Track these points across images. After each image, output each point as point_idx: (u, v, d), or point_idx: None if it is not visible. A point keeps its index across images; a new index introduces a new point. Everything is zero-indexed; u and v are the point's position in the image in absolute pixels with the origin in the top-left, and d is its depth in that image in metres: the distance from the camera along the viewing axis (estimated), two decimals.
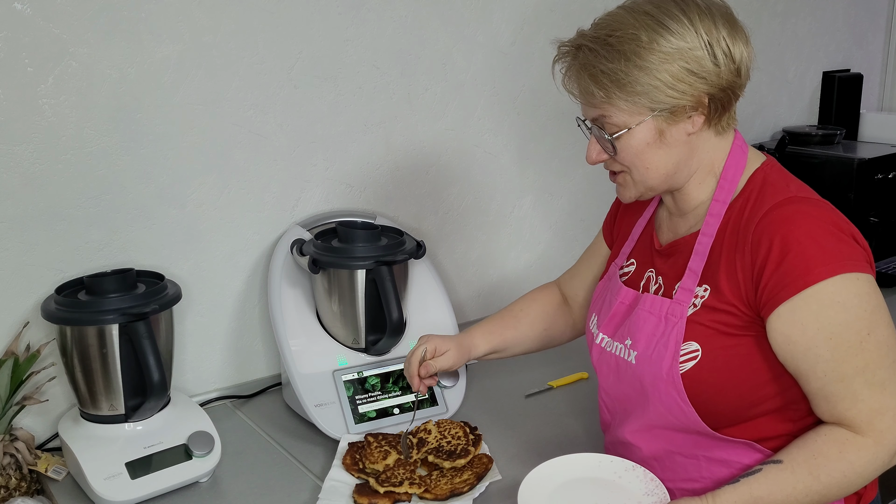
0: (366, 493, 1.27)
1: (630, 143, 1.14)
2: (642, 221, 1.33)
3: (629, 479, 1.21)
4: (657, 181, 1.17)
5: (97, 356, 1.31)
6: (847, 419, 1.09)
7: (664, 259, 1.24)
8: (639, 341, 1.20)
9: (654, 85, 1.09)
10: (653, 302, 1.20)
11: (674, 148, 1.15)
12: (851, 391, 1.08)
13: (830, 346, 1.07)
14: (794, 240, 1.07)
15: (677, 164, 1.16)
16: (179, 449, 1.35)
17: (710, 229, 1.16)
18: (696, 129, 1.14)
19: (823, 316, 1.07)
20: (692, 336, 1.14)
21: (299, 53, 1.63)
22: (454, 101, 1.87)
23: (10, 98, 1.36)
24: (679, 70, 1.09)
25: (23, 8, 1.34)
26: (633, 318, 1.22)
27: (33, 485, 1.37)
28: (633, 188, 1.20)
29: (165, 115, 1.51)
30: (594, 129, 1.18)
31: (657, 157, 1.15)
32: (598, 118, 1.16)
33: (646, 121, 1.12)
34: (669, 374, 1.15)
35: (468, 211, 1.96)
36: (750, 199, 1.15)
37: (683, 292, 1.17)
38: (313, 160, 1.70)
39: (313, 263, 1.51)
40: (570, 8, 1.98)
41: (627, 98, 1.11)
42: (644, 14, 1.10)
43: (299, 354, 1.51)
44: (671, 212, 1.26)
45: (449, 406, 1.54)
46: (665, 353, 1.15)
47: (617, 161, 1.17)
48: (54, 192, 1.43)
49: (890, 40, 2.92)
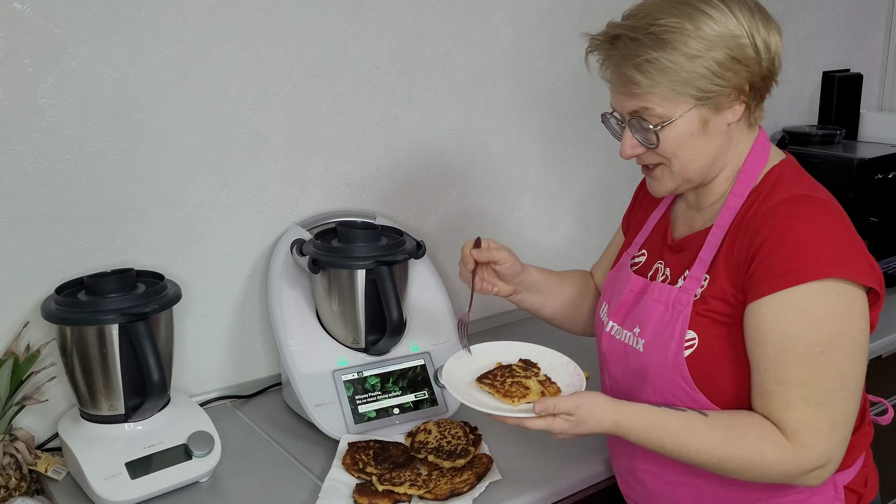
0: (366, 493, 1.27)
1: (673, 133, 1.13)
2: (657, 214, 1.34)
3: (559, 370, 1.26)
4: (696, 173, 1.17)
5: (97, 356, 1.31)
6: (776, 420, 1.09)
7: (674, 253, 1.25)
8: (647, 329, 1.20)
9: (700, 73, 1.08)
10: (661, 290, 1.21)
11: (714, 138, 1.14)
12: (786, 397, 1.07)
13: (778, 349, 1.07)
14: (788, 237, 1.07)
15: (716, 155, 1.16)
16: (179, 449, 1.34)
17: (724, 221, 1.17)
18: (736, 118, 1.14)
19: (784, 317, 1.06)
20: (691, 324, 1.15)
21: (299, 53, 1.63)
22: (454, 101, 1.87)
23: (10, 98, 1.36)
24: (724, 57, 1.09)
25: (23, 8, 1.34)
26: (641, 306, 1.23)
27: (33, 485, 1.37)
28: (670, 181, 1.19)
29: (165, 115, 1.51)
30: (632, 122, 1.15)
31: (699, 148, 1.14)
32: (639, 110, 1.13)
33: (690, 110, 1.11)
34: (675, 361, 1.15)
35: (468, 211, 1.96)
36: (762, 194, 1.15)
37: (691, 281, 1.17)
38: (313, 160, 1.70)
39: (313, 263, 1.51)
40: (570, 8, 1.98)
41: (673, 87, 1.09)
42: (682, 3, 1.10)
43: (299, 354, 1.51)
44: (689, 206, 1.26)
45: (449, 406, 1.54)
46: (671, 341, 1.16)
47: (656, 153, 1.16)
48: (54, 191, 1.43)
49: (890, 40, 2.92)
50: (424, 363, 1.57)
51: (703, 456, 1.10)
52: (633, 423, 1.12)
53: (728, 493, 1.20)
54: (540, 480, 1.36)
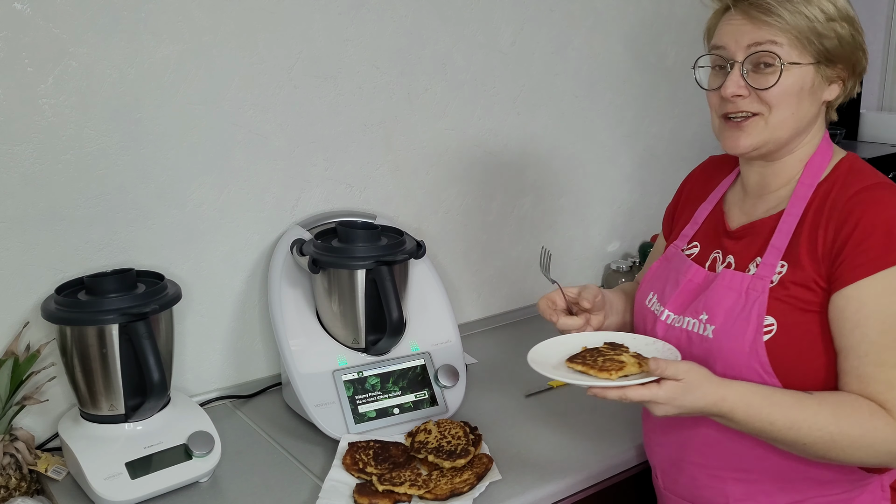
0: (366, 493, 1.27)
1: (789, 80, 1.15)
2: (707, 206, 1.35)
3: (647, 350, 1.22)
4: (787, 132, 1.18)
5: (97, 356, 1.31)
6: (879, 401, 1.09)
7: (735, 241, 1.26)
8: (717, 315, 1.20)
9: (831, 35, 1.13)
10: (732, 277, 1.21)
11: (812, 108, 1.18)
12: (887, 378, 1.09)
13: (880, 330, 1.08)
14: (881, 221, 1.10)
15: (806, 125, 1.19)
16: (179, 449, 1.34)
17: (796, 209, 1.18)
18: (831, 97, 1.18)
19: (885, 300, 1.09)
20: (768, 310, 1.16)
21: (299, 53, 1.63)
22: (454, 101, 1.87)
23: (10, 98, 1.36)
24: (848, 33, 1.15)
25: (23, 8, 1.34)
26: (709, 293, 1.23)
27: (33, 485, 1.37)
28: (759, 135, 1.19)
29: (165, 115, 1.51)
30: (752, 57, 1.15)
31: (801, 109, 1.17)
32: (766, 43, 1.14)
33: (809, 65, 1.15)
34: (753, 346, 1.15)
35: (468, 211, 1.96)
36: (837, 183, 1.17)
37: (765, 267, 1.18)
38: (313, 160, 1.70)
39: (313, 263, 1.51)
40: (570, 8, 1.98)
41: (807, 35, 1.13)
42: None
43: (299, 354, 1.51)
44: (749, 193, 1.27)
45: (449, 406, 1.54)
46: (747, 327, 1.16)
47: (760, 98, 1.16)
48: (54, 191, 1.43)
49: (890, 40, 2.93)
50: (424, 363, 1.57)
51: (815, 433, 1.08)
52: (741, 398, 1.10)
53: (779, 488, 1.21)
54: (540, 480, 1.36)
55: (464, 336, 1.83)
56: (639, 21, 2.12)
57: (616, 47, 2.09)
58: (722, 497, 1.25)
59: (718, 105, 1.21)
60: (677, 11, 2.18)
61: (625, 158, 2.19)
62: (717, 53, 1.20)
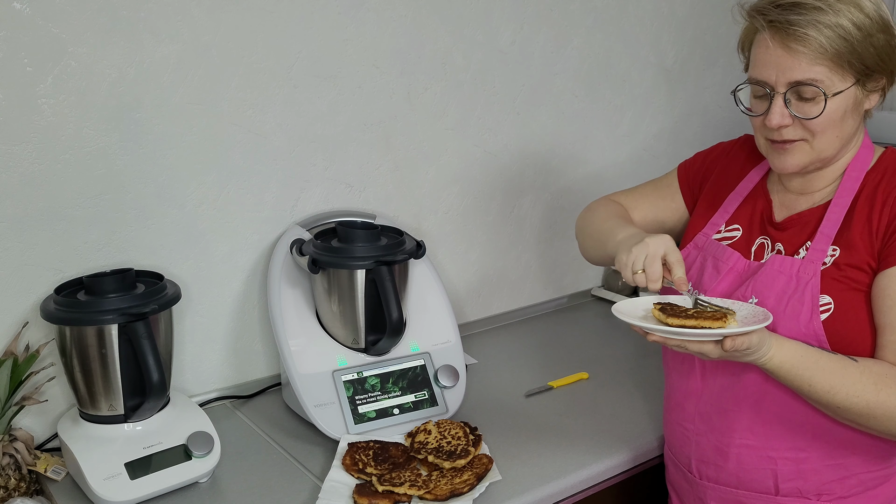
0: (366, 494, 1.27)
1: (832, 107, 1.15)
2: (737, 196, 1.35)
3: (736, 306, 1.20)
4: (831, 152, 1.21)
5: (96, 356, 1.31)
6: None
7: (780, 231, 1.28)
8: (768, 298, 1.22)
9: (870, 52, 1.14)
10: (782, 262, 1.23)
11: (854, 121, 1.20)
12: None
13: None
14: None
15: (850, 138, 1.21)
16: (179, 449, 1.34)
17: (844, 199, 1.21)
18: (872, 105, 1.20)
19: None
20: (825, 290, 1.18)
21: (298, 53, 1.63)
22: (454, 101, 1.87)
23: (9, 98, 1.36)
24: (884, 42, 1.15)
25: (22, 7, 1.34)
26: (758, 277, 1.24)
27: (32, 485, 1.36)
28: (805, 157, 1.20)
29: (165, 115, 1.51)
30: (792, 92, 1.16)
31: (846, 126, 1.19)
32: (804, 80, 1.14)
33: (850, 87, 1.15)
34: (809, 325, 1.17)
35: (468, 211, 1.96)
36: (887, 172, 1.21)
37: (815, 252, 1.20)
38: (313, 160, 1.70)
39: (313, 263, 1.50)
40: (570, 8, 1.98)
41: (847, 58, 1.13)
42: None
43: (299, 354, 1.51)
44: (792, 191, 1.29)
45: (449, 406, 1.54)
46: (801, 308, 1.18)
47: (805, 127, 1.18)
48: (54, 191, 1.43)
49: None
50: (424, 363, 1.56)
51: (852, 399, 1.12)
52: (789, 356, 1.13)
53: (829, 465, 1.23)
54: (540, 480, 1.36)
55: (464, 336, 1.83)
56: (638, 21, 2.12)
57: (616, 47, 2.09)
58: (771, 478, 1.26)
59: (762, 128, 1.22)
60: (677, 11, 2.18)
61: (624, 158, 2.19)
62: (759, 85, 1.20)
